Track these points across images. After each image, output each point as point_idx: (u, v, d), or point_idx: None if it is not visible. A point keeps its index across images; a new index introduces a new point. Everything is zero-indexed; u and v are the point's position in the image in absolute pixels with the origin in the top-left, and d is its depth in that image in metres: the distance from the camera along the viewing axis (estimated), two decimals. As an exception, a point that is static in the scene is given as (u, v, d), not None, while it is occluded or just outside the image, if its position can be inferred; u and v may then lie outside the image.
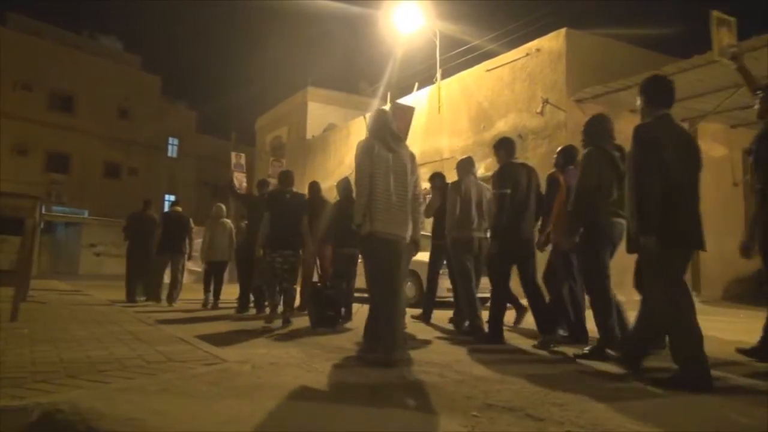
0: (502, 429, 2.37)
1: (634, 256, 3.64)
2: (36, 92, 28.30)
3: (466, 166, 6.00)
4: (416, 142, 16.34)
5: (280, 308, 6.47)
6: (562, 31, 12.13)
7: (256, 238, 6.83)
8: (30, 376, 2.75)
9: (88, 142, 29.81)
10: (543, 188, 5.47)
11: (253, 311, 7.74)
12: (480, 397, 2.86)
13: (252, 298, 7.98)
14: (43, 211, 9.78)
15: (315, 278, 7.48)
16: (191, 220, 9.47)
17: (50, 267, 22.84)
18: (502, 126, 13.38)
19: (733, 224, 13.08)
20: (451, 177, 6.31)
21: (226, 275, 9.11)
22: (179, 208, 9.54)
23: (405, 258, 4.15)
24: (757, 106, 4.04)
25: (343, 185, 6.98)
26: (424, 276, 7.63)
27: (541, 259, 5.46)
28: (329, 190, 10.48)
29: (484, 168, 12.11)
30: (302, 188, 8.00)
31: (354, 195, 4.69)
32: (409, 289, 9.24)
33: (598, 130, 4.43)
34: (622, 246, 3.91)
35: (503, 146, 5.34)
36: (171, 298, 8.85)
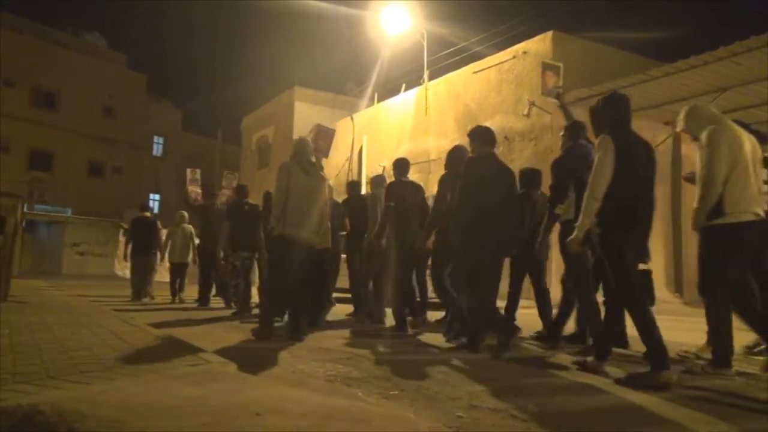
0: (487, 429, 2.39)
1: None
2: (18, 89, 27.91)
3: (378, 181, 7.04)
4: (403, 142, 16.38)
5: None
6: (549, 34, 12.22)
7: (210, 243, 8.32)
8: (10, 378, 2.70)
9: (71, 140, 29.48)
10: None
11: (218, 304, 8.48)
12: (465, 398, 2.88)
13: (214, 292, 8.98)
14: (25, 210, 9.83)
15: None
16: (158, 223, 10.38)
17: (32, 266, 22.55)
18: (488, 128, 13.45)
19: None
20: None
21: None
22: (148, 214, 10.43)
23: (309, 256, 5.18)
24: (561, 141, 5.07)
25: None
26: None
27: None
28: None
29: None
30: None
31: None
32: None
33: (456, 157, 5.31)
34: None
35: (397, 167, 6.28)
36: (146, 294, 9.72)
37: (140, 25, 67.12)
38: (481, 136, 4.79)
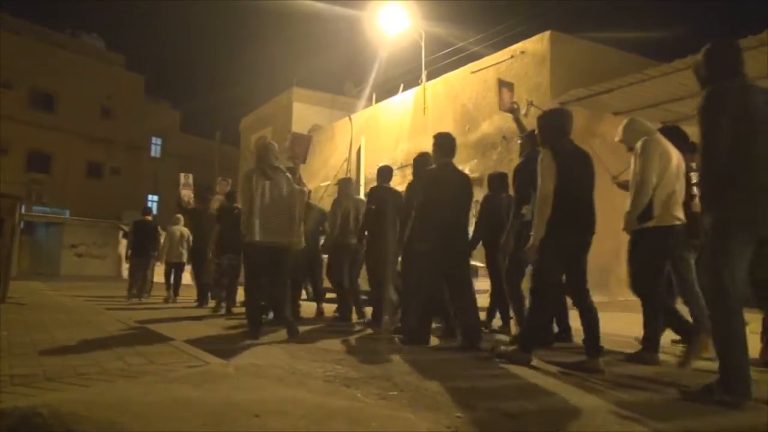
0: (486, 429, 2.39)
1: (611, 259, 4.19)
2: (16, 90, 27.84)
3: (346, 184, 7.40)
4: (401, 143, 16.37)
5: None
6: (547, 33, 12.21)
7: (201, 245, 8.76)
8: (8, 380, 2.70)
9: (69, 142, 29.42)
10: None
11: (212, 303, 8.60)
12: (463, 398, 2.88)
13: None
14: (24, 211, 9.88)
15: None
16: (159, 227, 10.76)
17: (31, 268, 22.50)
18: (486, 127, 13.44)
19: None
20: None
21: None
22: (149, 218, 10.69)
23: (284, 258, 5.38)
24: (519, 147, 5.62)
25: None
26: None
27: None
28: (313, 191, 10.51)
29: (469, 170, 12.17)
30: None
31: None
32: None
33: (423, 165, 5.67)
34: (601, 247, 4.63)
35: (380, 174, 6.73)
36: (141, 294, 10.09)
37: (138, 26, 67.05)
38: (443, 147, 5.11)
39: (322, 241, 7.52)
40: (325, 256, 7.67)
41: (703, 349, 4.06)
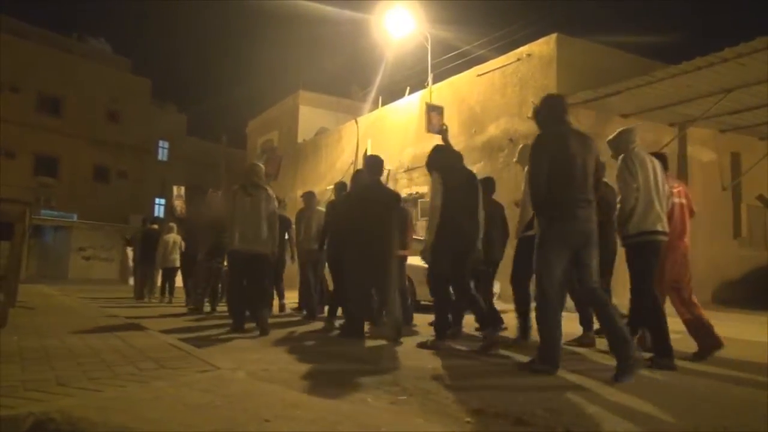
0: (496, 435, 2.38)
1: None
2: (24, 94, 28.00)
3: (312, 198, 8.38)
4: (407, 145, 16.38)
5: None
6: (553, 36, 12.20)
7: (192, 250, 9.65)
8: (21, 385, 2.72)
9: (76, 145, 29.57)
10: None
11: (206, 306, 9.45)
12: (472, 403, 2.87)
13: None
14: (31, 215, 10.05)
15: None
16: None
17: (38, 271, 22.62)
18: (493, 130, 13.42)
19: (722, 228, 13.14)
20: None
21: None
22: (155, 226, 11.84)
23: (260, 263, 6.12)
24: None
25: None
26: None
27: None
28: (320, 195, 10.63)
29: (476, 172, 12.14)
30: (292, 192, 8.52)
31: None
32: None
33: (355, 180, 6.56)
34: None
35: (337, 189, 7.50)
36: (149, 295, 11.48)
37: (145, 30, 67.37)
38: (372, 167, 6.01)
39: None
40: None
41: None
